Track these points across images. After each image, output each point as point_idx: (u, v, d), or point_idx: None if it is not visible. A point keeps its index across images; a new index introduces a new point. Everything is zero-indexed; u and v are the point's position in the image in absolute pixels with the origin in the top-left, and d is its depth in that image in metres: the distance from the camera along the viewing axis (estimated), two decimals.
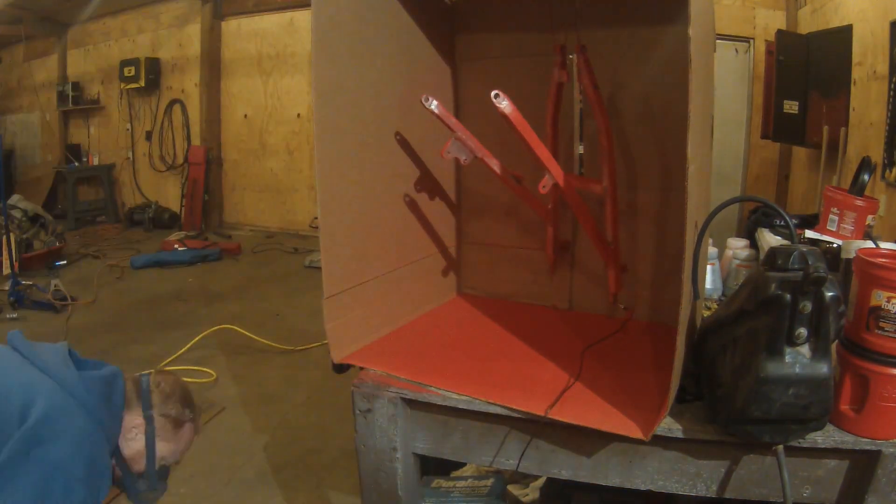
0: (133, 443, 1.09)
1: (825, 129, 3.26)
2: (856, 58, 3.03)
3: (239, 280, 4.67)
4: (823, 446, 0.88)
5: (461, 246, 1.57)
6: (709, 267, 1.51)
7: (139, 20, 6.59)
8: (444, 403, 1.03)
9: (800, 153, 4.02)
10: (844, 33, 3.08)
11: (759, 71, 4.08)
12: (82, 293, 4.18)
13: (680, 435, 0.92)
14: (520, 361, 1.18)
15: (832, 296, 0.78)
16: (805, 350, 0.80)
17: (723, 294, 1.54)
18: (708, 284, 1.51)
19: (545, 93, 1.30)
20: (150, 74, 6.52)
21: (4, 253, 4.21)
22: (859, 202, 1.62)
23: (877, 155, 2.70)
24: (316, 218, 1.29)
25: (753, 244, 1.68)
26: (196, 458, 2.30)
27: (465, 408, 1.02)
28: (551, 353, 1.20)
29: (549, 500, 1.43)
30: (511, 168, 1.26)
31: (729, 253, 1.59)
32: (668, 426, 0.92)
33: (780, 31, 3.74)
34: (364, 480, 1.15)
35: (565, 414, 0.94)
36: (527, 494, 1.62)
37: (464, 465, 1.59)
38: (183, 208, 6.43)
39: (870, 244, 1.27)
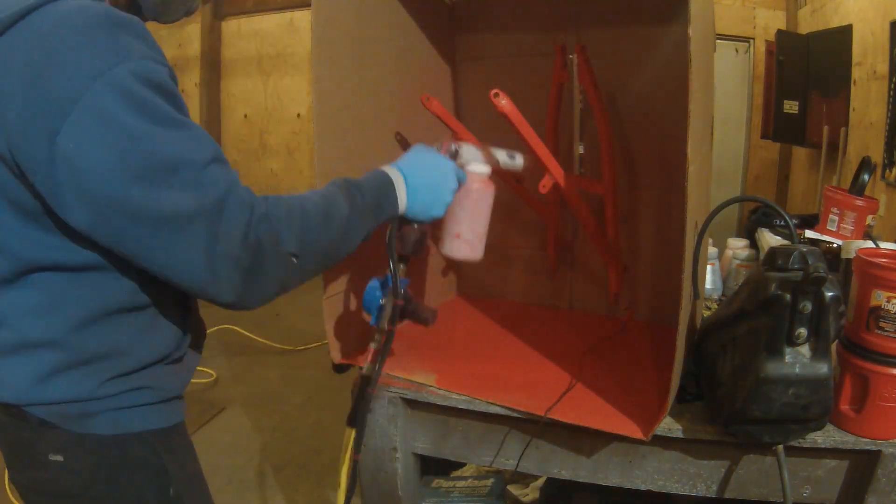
0: None
1: (825, 129, 3.26)
2: (856, 58, 3.03)
3: None
4: (823, 446, 0.88)
5: None
6: (709, 267, 1.51)
7: None
8: (444, 403, 1.03)
9: (800, 153, 4.02)
10: (844, 33, 3.08)
11: (759, 71, 4.08)
12: None
13: (680, 435, 0.92)
14: (520, 361, 1.18)
15: (832, 296, 0.78)
16: (805, 350, 0.80)
17: (723, 294, 1.54)
18: (708, 284, 1.51)
19: (545, 93, 1.30)
20: None
21: None
22: (859, 202, 1.62)
23: (877, 155, 2.70)
24: None
25: (753, 244, 1.68)
26: None
27: (465, 408, 1.02)
28: (551, 353, 1.20)
29: (549, 500, 1.44)
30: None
31: (729, 253, 1.59)
32: (668, 426, 0.92)
33: (780, 31, 3.74)
34: (364, 480, 1.15)
35: (565, 414, 0.94)
36: (527, 494, 1.62)
37: (464, 465, 1.59)
38: None
39: (870, 244, 1.27)
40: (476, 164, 1.04)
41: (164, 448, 0.82)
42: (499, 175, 1.26)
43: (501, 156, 1.08)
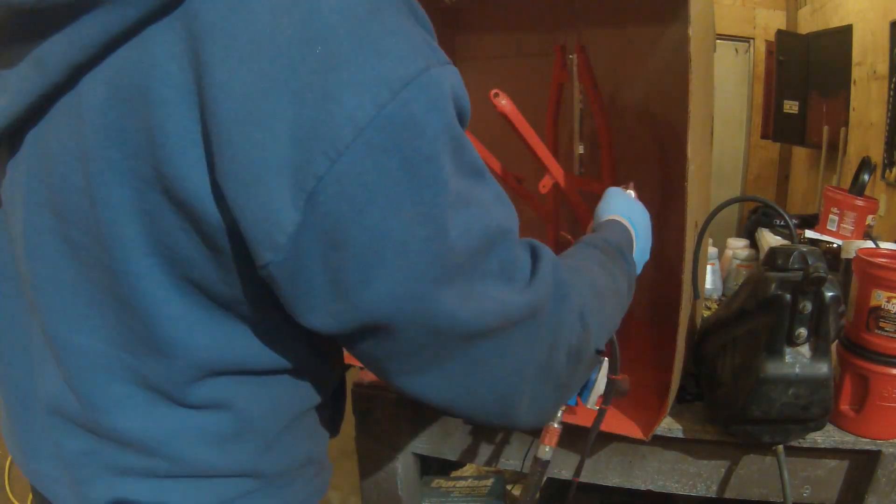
0: None
1: (825, 129, 3.26)
2: (856, 58, 3.03)
3: None
4: (823, 446, 0.88)
5: None
6: (709, 267, 1.51)
7: None
8: None
9: (800, 153, 4.01)
10: (844, 33, 3.07)
11: (759, 71, 4.08)
12: None
13: (680, 435, 0.92)
14: None
15: (832, 296, 0.78)
16: (805, 350, 0.80)
17: (723, 294, 1.54)
18: (708, 284, 1.51)
19: (545, 93, 1.30)
20: None
21: None
22: (859, 202, 1.62)
23: (877, 155, 2.70)
24: None
25: (753, 244, 1.68)
26: None
27: None
28: None
29: (549, 500, 1.43)
30: (511, 168, 1.26)
31: (729, 253, 1.59)
32: (668, 426, 0.92)
33: (780, 31, 3.74)
34: (364, 480, 1.15)
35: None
36: None
37: (464, 465, 1.59)
38: None
39: (870, 244, 1.27)
40: None
41: None
42: (499, 175, 1.26)
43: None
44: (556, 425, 0.79)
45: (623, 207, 0.79)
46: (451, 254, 0.40)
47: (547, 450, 0.78)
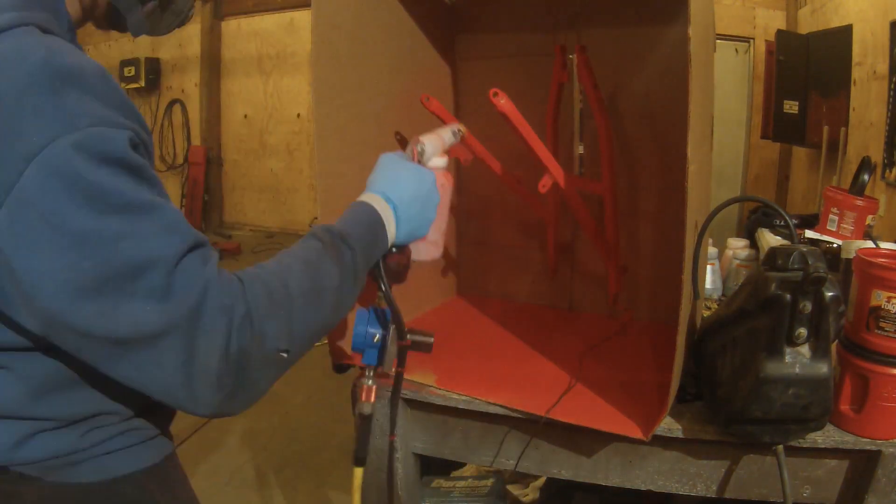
0: None
1: (825, 129, 3.26)
2: (856, 58, 3.04)
3: None
4: (823, 446, 0.88)
5: (461, 246, 1.57)
6: (709, 267, 1.51)
7: None
8: (444, 403, 1.03)
9: (800, 153, 4.02)
10: (844, 33, 3.08)
11: (759, 71, 4.09)
12: None
13: (680, 435, 0.92)
14: (520, 361, 1.18)
15: (832, 296, 0.78)
16: (805, 350, 0.80)
17: (723, 294, 1.54)
18: (708, 284, 1.52)
19: (545, 93, 1.30)
20: (150, 74, 6.52)
21: None
22: (859, 202, 1.62)
23: (877, 155, 2.71)
24: (316, 218, 1.29)
25: (753, 244, 1.69)
26: (196, 458, 2.31)
27: (465, 408, 1.02)
28: (551, 353, 1.20)
29: (549, 500, 1.44)
30: (511, 168, 1.26)
31: (729, 253, 1.59)
32: (668, 426, 0.92)
33: (780, 31, 3.74)
34: (364, 481, 1.14)
35: (565, 414, 0.94)
36: (527, 494, 1.62)
37: (464, 465, 1.59)
38: (183, 208, 6.43)
39: (870, 244, 1.27)
40: (436, 160, 0.93)
41: (156, 485, 0.76)
42: (499, 176, 1.26)
43: (448, 136, 0.96)
44: (369, 382, 0.88)
45: (382, 182, 0.82)
46: (84, 279, 0.53)
47: (366, 406, 0.88)
